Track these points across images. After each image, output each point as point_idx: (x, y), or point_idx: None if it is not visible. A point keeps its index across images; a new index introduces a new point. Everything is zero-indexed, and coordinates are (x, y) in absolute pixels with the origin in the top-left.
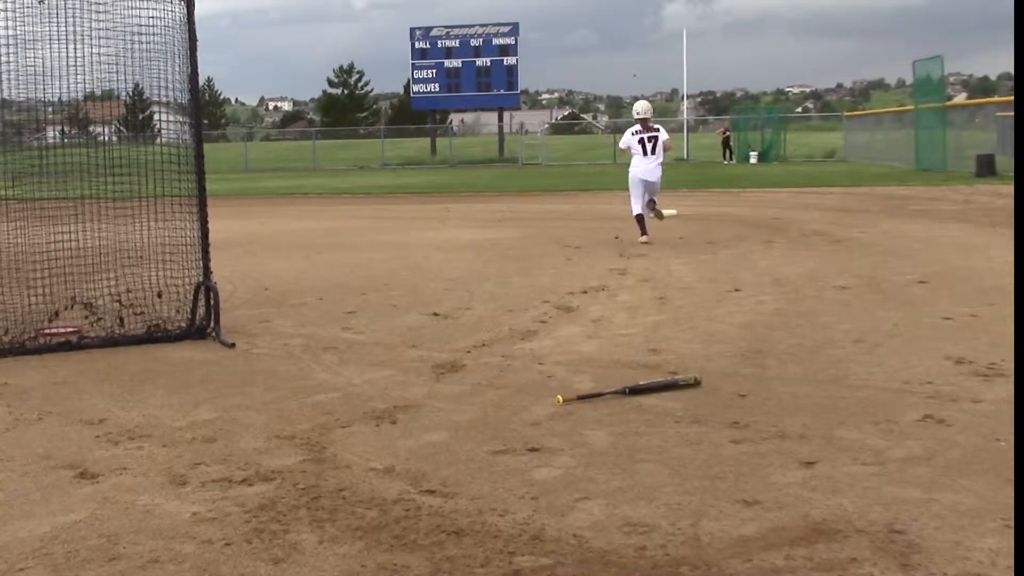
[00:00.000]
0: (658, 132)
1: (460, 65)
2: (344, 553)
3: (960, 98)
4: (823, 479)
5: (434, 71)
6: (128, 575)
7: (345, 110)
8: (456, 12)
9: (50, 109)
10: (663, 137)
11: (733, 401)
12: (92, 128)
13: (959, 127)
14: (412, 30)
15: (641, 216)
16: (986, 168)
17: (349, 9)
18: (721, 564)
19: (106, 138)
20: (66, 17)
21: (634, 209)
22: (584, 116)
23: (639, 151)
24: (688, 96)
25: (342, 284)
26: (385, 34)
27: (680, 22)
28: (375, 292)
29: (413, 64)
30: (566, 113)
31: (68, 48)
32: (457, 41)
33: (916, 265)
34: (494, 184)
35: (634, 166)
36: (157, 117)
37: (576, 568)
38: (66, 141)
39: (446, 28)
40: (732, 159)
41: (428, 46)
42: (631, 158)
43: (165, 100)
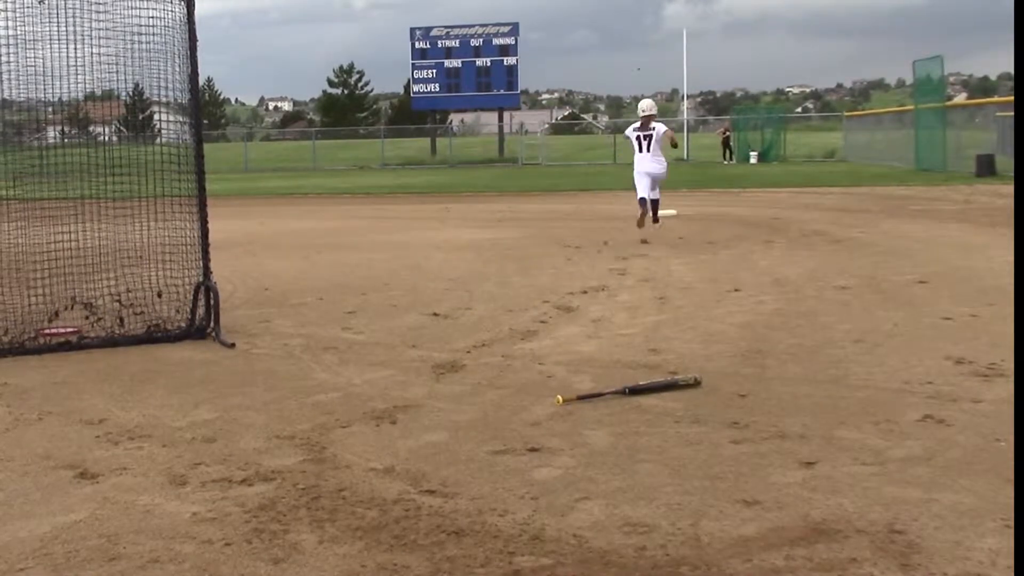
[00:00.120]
0: (653, 130)
1: (460, 65)
2: (344, 553)
3: (960, 98)
4: (823, 479)
5: (434, 71)
6: (128, 575)
7: (345, 110)
8: (456, 12)
9: (50, 109)
10: (659, 132)
11: (733, 401)
12: (92, 128)
13: (959, 127)
14: (412, 30)
15: (644, 199)
16: (986, 168)
17: (349, 9)
18: (721, 564)
19: (106, 138)
20: (66, 17)
21: (638, 193)
22: (584, 116)
23: (635, 147)
24: (688, 96)
25: (342, 284)
26: (385, 34)
27: (680, 22)
28: (375, 292)
29: (413, 64)
30: (566, 113)
31: (68, 48)
32: (457, 41)
33: (916, 265)
34: (494, 184)
35: (635, 161)
36: (157, 117)
37: (576, 568)
38: (66, 141)
39: (446, 28)
40: (732, 159)
41: (428, 46)
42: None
43: (165, 100)
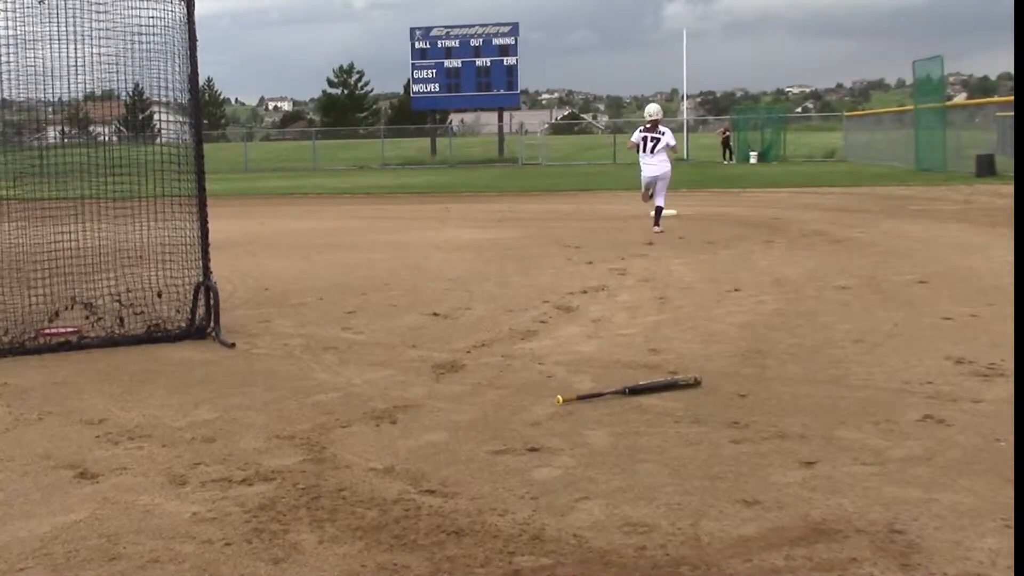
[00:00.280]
0: (662, 135)
1: (460, 65)
2: (344, 553)
3: (960, 98)
4: (823, 479)
5: (434, 71)
6: (128, 575)
7: (345, 110)
8: (456, 12)
9: (50, 109)
10: (667, 141)
11: (733, 401)
12: (92, 128)
13: (959, 127)
14: (412, 30)
15: (649, 198)
16: (986, 168)
17: (349, 9)
18: (721, 564)
19: (106, 138)
20: (66, 17)
21: (642, 190)
22: (584, 116)
23: (640, 148)
24: (688, 96)
25: (342, 284)
26: (385, 34)
27: (680, 22)
28: (375, 292)
29: (413, 64)
30: (566, 113)
31: (68, 48)
32: (457, 41)
33: (916, 265)
34: (494, 184)
35: (640, 161)
36: (157, 117)
37: (576, 568)
38: (66, 141)
39: (446, 28)
40: (732, 159)
41: (428, 46)
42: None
43: (165, 100)
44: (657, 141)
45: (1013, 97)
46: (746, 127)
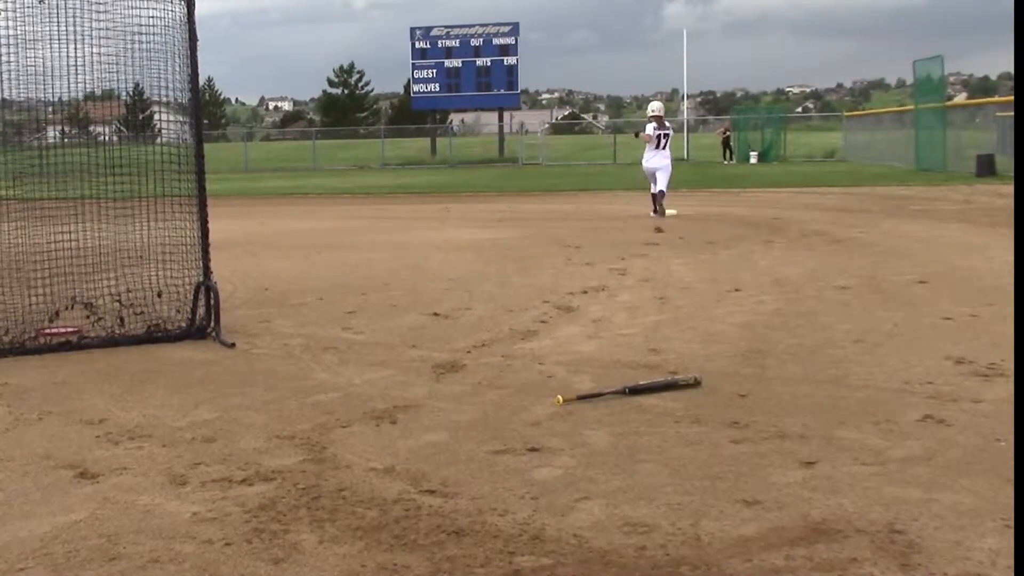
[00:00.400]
0: (670, 131)
1: (460, 65)
2: (344, 553)
3: (960, 98)
4: (823, 479)
5: (434, 71)
6: (128, 575)
7: (345, 110)
8: (456, 12)
9: (50, 109)
10: (671, 135)
11: (733, 401)
12: (92, 128)
13: (959, 127)
14: (412, 30)
15: (654, 196)
16: (986, 168)
17: (349, 9)
18: (721, 564)
19: (106, 138)
20: (66, 17)
21: (652, 189)
22: (584, 116)
23: (653, 143)
24: (688, 96)
25: (342, 284)
26: (385, 34)
27: (680, 22)
28: (375, 292)
29: (413, 64)
30: (566, 113)
31: (68, 48)
32: (457, 41)
33: (916, 265)
34: (494, 184)
35: (645, 159)
36: (157, 117)
37: (576, 568)
38: (66, 141)
39: (446, 28)
40: (732, 159)
41: (428, 46)
42: (644, 149)
43: (165, 100)
44: (668, 136)
45: (1013, 97)
46: (746, 127)
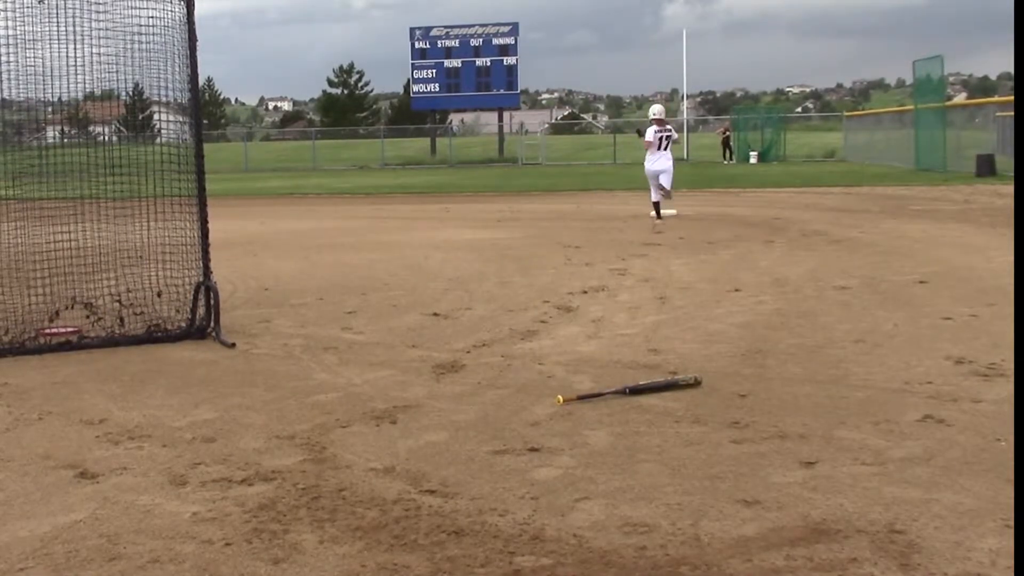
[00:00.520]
0: (671, 133)
1: (460, 65)
2: (344, 553)
3: (960, 98)
4: (823, 479)
5: (434, 71)
6: (128, 575)
7: (345, 110)
8: (456, 12)
9: (50, 109)
10: (673, 136)
11: (733, 401)
12: (92, 128)
13: (959, 127)
14: (412, 30)
15: (657, 203)
16: (986, 168)
17: (349, 9)
18: (721, 564)
19: (106, 138)
20: (66, 17)
21: (652, 197)
22: (584, 116)
23: (655, 146)
24: (688, 96)
25: (342, 284)
26: (385, 34)
27: (680, 22)
28: (375, 292)
29: (413, 64)
30: (566, 113)
31: (68, 48)
32: (457, 41)
33: (916, 265)
34: (494, 184)
35: (647, 161)
36: (157, 117)
37: (576, 568)
38: (66, 141)
39: (446, 28)
40: (732, 159)
41: (428, 46)
42: (645, 153)
43: (165, 100)
44: (669, 139)
45: (1013, 97)
46: (746, 127)
